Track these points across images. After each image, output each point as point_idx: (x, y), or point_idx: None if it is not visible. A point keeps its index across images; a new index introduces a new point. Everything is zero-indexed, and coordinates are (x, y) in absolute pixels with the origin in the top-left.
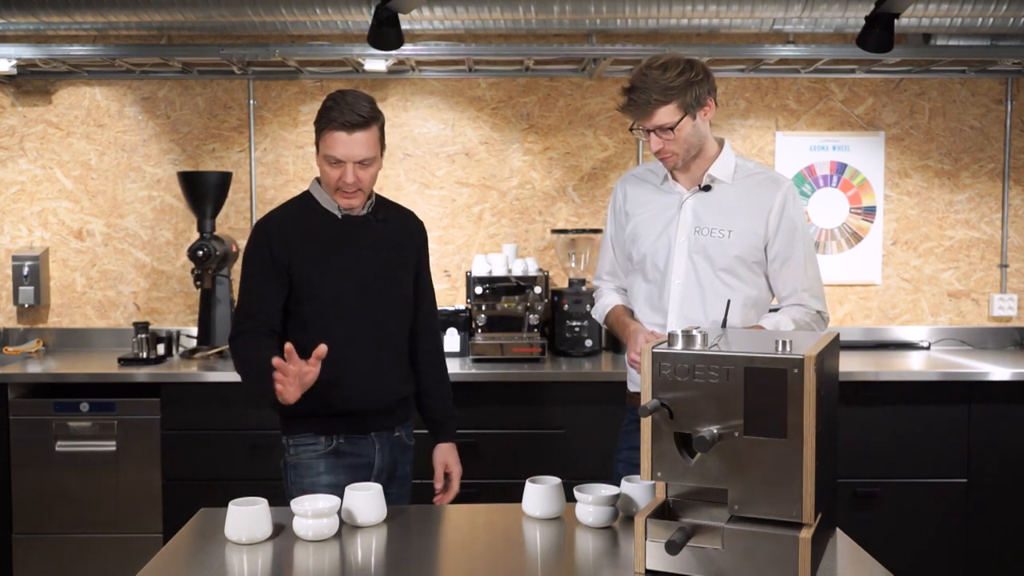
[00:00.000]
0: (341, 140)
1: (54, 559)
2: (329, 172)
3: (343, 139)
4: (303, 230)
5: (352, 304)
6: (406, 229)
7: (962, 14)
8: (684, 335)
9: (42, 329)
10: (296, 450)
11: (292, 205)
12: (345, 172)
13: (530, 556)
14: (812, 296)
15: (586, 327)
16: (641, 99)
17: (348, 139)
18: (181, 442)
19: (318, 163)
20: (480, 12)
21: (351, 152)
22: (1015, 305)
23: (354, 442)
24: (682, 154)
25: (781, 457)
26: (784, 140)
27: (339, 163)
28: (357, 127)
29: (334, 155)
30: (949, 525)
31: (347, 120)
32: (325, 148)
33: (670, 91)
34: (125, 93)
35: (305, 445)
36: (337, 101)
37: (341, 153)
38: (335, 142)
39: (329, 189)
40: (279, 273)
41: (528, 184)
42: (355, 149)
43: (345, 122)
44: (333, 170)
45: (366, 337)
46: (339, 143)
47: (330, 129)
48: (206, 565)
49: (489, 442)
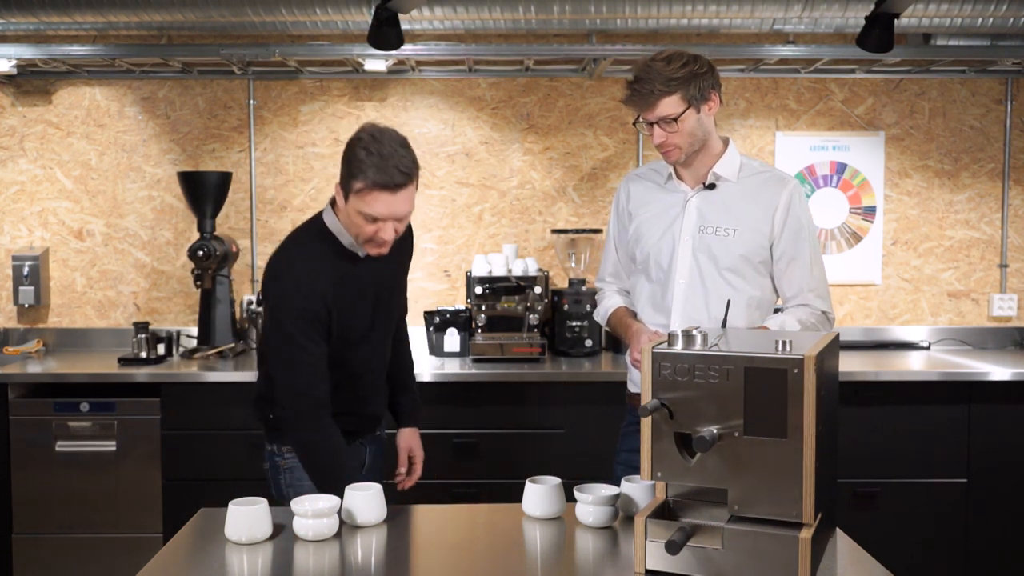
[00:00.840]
0: (384, 200)
1: (54, 559)
2: (364, 226)
3: (386, 199)
4: (335, 278)
5: (368, 336)
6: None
7: (962, 14)
8: (684, 335)
9: (42, 329)
10: (292, 454)
11: (315, 247)
12: (384, 229)
13: (530, 556)
14: (818, 296)
15: (586, 327)
16: (644, 89)
17: (391, 199)
18: (181, 442)
19: (348, 211)
20: (480, 12)
21: (394, 211)
22: (1015, 305)
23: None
24: (685, 148)
25: (781, 457)
26: (784, 140)
27: (377, 220)
28: (402, 186)
29: (374, 214)
30: (949, 525)
31: (392, 181)
32: (363, 205)
33: (673, 82)
34: (125, 93)
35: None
36: (372, 151)
37: (383, 213)
38: (376, 202)
39: (358, 238)
40: (325, 331)
41: (528, 184)
42: (398, 208)
43: (390, 183)
44: (370, 225)
45: (374, 361)
46: (381, 203)
47: (372, 189)
48: (206, 565)
49: (489, 442)
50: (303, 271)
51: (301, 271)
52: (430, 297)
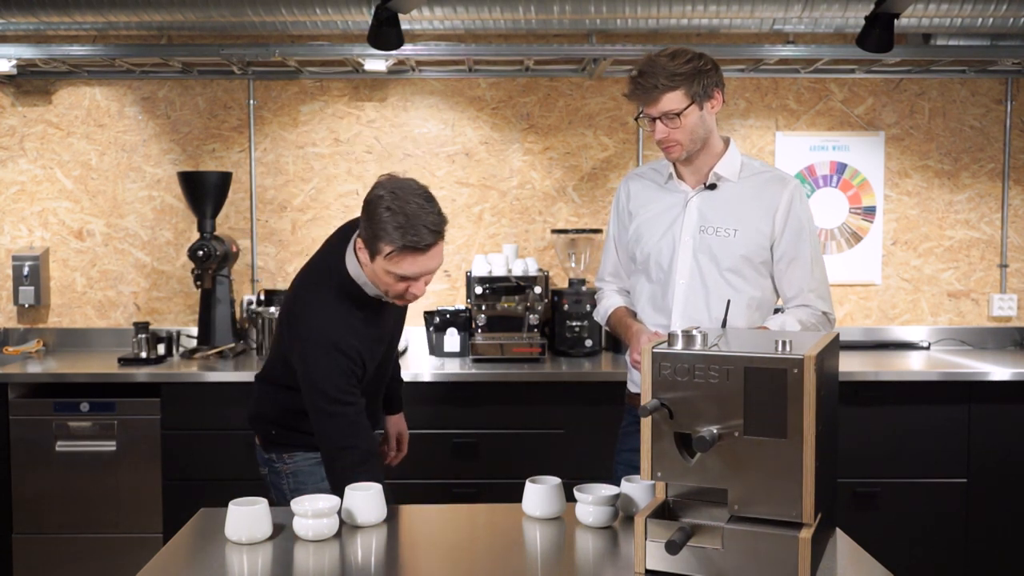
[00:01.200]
0: (418, 261)
1: (54, 559)
2: (394, 285)
3: (420, 260)
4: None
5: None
6: None
7: (962, 14)
8: (684, 335)
9: (42, 329)
10: (294, 459)
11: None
12: (415, 286)
13: (530, 556)
14: (818, 297)
15: (586, 327)
16: (648, 83)
17: (423, 259)
18: (181, 442)
19: (376, 270)
20: (480, 12)
21: (427, 268)
22: (1015, 305)
23: None
24: (687, 145)
25: (781, 457)
26: (784, 140)
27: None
28: (432, 245)
29: (406, 274)
30: (949, 525)
31: (422, 242)
32: (392, 267)
33: (677, 77)
34: (125, 93)
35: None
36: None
37: (416, 272)
38: (410, 264)
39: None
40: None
41: (528, 184)
42: (429, 266)
43: (420, 244)
44: (399, 284)
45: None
46: (412, 265)
47: (401, 253)
48: (206, 565)
49: (489, 442)
50: (340, 333)
51: (340, 334)
52: (430, 297)
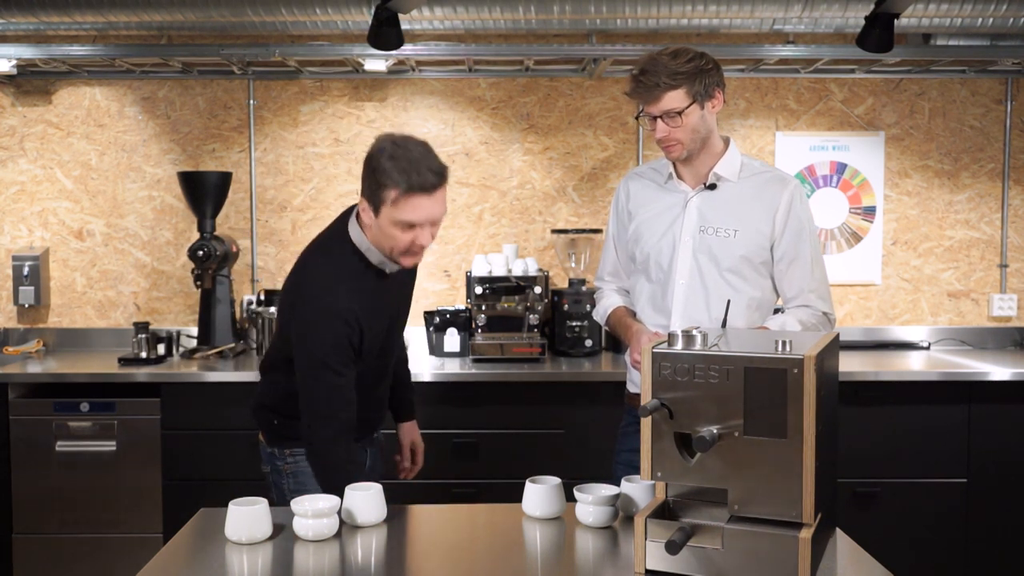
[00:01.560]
0: (423, 204)
1: (54, 559)
2: (400, 237)
3: (424, 203)
4: (365, 300)
5: (383, 348)
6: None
7: (962, 14)
8: (684, 335)
9: (42, 329)
10: (295, 459)
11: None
12: (422, 235)
13: (530, 556)
14: (819, 297)
15: (586, 327)
16: (650, 82)
17: (428, 202)
18: (181, 442)
19: (379, 225)
20: (480, 12)
21: (431, 214)
22: (1015, 305)
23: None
24: (687, 144)
25: (781, 457)
26: (784, 140)
27: (414, 226)
28: (438, 187)
29: (412, 220)
30: (949, 525)
31: (427, 182)
32: (399, 213)
33: (679, 75)
34: (125, 93)
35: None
36: (398, 157)
37: (420, 218)
38: (413, 208)
39: (392, 251)
40: (356, 354)
41: (528, 184)
42: (435, 210)
43: (425, 184)
44: (406, 234)
45: (379, 376)
46: (418, 208)
47: (409, 194)
48: (206, 565)
49: (489, 442)
50: (338, 296)
51: (336, 296)
52: (430, 297)
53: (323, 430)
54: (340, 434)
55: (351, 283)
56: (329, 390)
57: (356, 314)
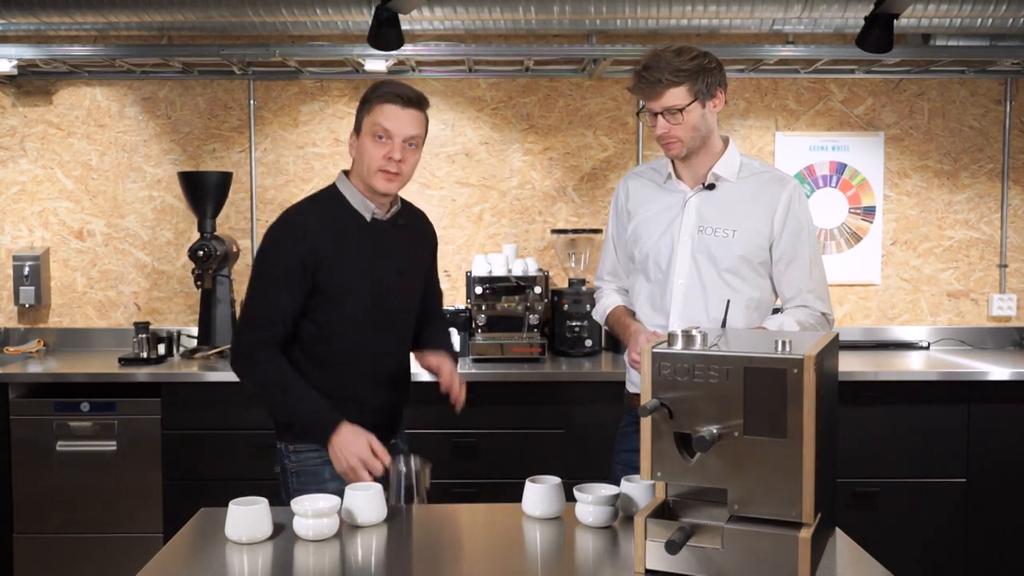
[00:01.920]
0: (395, 113)
1: (54, 559)
2: (374, 150)
3: (397, 112)
4: (332, 231)
5: (371, 312)
6: (423, 236)
7: (961, 14)
8: (684, 335)
9: (43, 329)
10: (298, 456)
11: (321, 201)
12: (393, 148)
13: (530, 556)
14: (817, 298)
15: (586, 327)
16: (652, 78)
17: (402, 113)
18: (181, 442)
19: (360, 145)
20: (480, 12)
21: (403, 127)
22: (1014, 305)
23: None
24: (687, 142)
25: (781, 457)
26: (784, 140)
27: (387, 139)
28: (412, 104)
29: (385, 125)
30: (948, 525)
31: (402, 94)
32: (375, 119)
33: (682, 73)
34: (125, 93)
35: (308, 451)
36: (384, 82)
37: (393, 126)
38: (388, 114)
39: (370, 171)
40: (305, 279)
41: (528, 184)
42: (407, 124)
43: (401, 95)
44: (379, 147)
45: (380, 346)
46: (392, 116)
47: (383, 101)
48: (206, 565)
49: (489, 442)
50: (297, 214)
51: (296, 214)
52: None
53: (246, 335)
54: (265, 345)
55: (321, 211)
56: (262, 296)
57: (309, 232)
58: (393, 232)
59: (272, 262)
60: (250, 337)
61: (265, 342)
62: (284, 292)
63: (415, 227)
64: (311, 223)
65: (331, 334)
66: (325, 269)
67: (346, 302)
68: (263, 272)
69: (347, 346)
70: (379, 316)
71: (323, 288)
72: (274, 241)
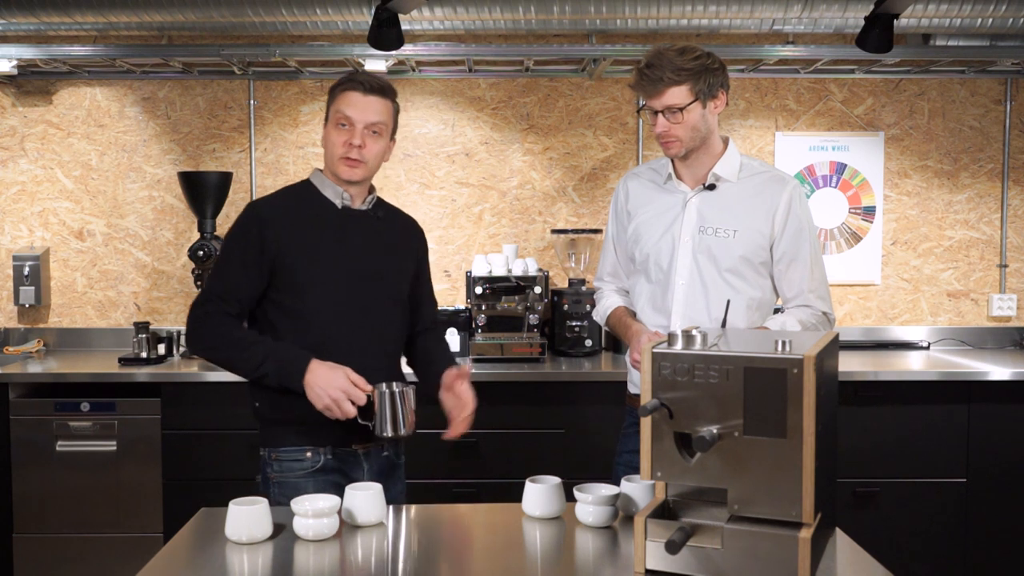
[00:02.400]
0: (355, 100)
1: (54, 559)
2: (335, 137)
3: (357, 99)
4: (299, 218)
5: (342, 301)
6: (406, 233)
7: (961, 14)
8: (684, 335)
9: (43, 329)
10: (280, 466)
11: (290, 191)
12: (353, 134)
13: (530, 556)
14: (818, 297)
15: (586, 327)
16: (654, 75)
17: (363, 99)
18: (181, 442)
19: (326, 136)
20: (480, 12)
21: (364, 114)
22: (1014, 305)
23: (342, 458)
24: (686, 141)
25: (781, 457)
26: (784, 140)
27: (348, 125)
28: (373, 91)
29: (345, 112)
30: (949, 525)
31: (364, 81)
32: (337, 107)
33: (684, 72)
34: (125, 93)
35: (290, 460)
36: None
37: (353, 112)
38: (348, 101)
39: (333, 159)
40: (263, 263)
41: (528, 184)
42: (368, 110)
43: (362, 82)
44: (340, 134)
45: (357, 338)
46: (353, 102)
47: (345, 89)
48: (206, 565)
49: (489, 442)
50: (262, 201)
51: (260, 201)
52: None
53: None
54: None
55: (289, 199)
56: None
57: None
58: (369, 222)
59: (231, 247)
60: (200, 310)
61: (215, 312)
62: (239, 272)
63: (396, 224)
64: (274, 210)
65: (306, 326)
66: (290, 255)
67: (316, 288)
68: (222, 255)
69: (322, 337)
70: (354, 306)
71: (290, 273)
72: (237, 226)
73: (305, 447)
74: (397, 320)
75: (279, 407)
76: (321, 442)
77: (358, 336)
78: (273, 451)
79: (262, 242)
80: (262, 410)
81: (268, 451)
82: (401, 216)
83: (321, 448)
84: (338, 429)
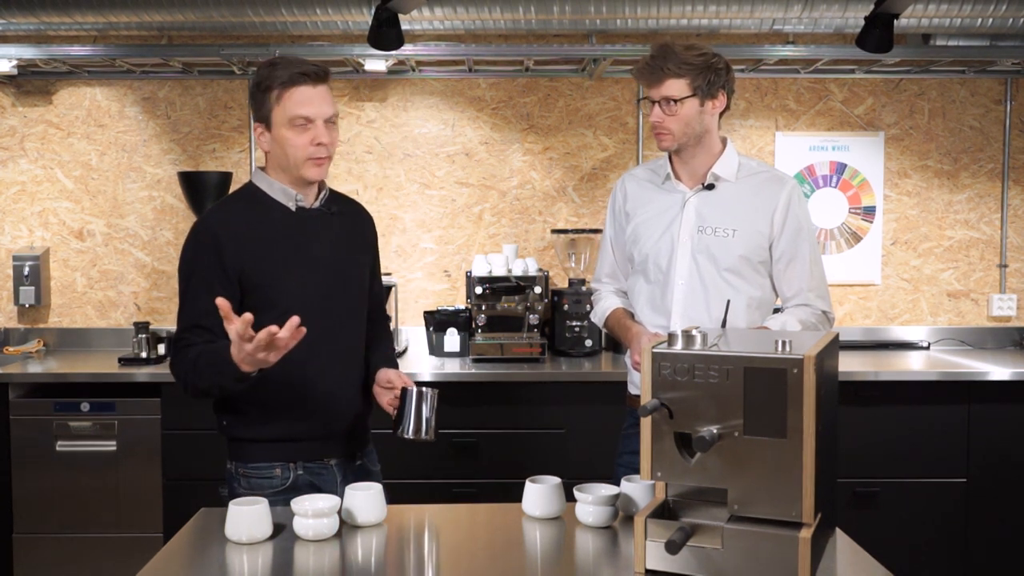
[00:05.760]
0: (308, 95)
1: (54, 559)
2: (296, 139)
3: (310, 93)
4: (255, 229)
5: (312, 310)
6: (360, 225)
7: (962, 14)
8: (684, 335)
9: (43, 329)
10: (248, 483)
11: (237, 201)
12: (319, 132)
13: (530, 556)
14: (818, 296)
15: (586, 327)
16: (656, 65)
17: (314, 92)
18: (181, 442)
19: (277, 138)
20: (480, 12)
21: (321, 108)
22: (1014, 305)
23: (314, 473)
24: (678, 136)
25: (781, 457)
26: (784, 140)
27: (308, 124)
28: (320, 79)
29: (303, 113)
30: (948, 525)
31: (308, 72)
32: (291, 109)
33: (686, 66)
34: (125, 93)
35: (259, 478)
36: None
37: (310, 110)
38: (303, 100)
39: (298, 163)
40: (230, 282)
41: (528, 184)
42: (323, 103)
43: (307, 73)
44: (301, 135)
45: (327, 346)
46: (307, 99)
47: (291, 85)
48: (206, 565)
49: (489, 442)
50: (212, 218)
51: (206, 220)
52: (430, 297)
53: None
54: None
55: (237, 210)
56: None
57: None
58: (325, 220)
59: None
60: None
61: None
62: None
63: (348, 217)
64: (227, 226)
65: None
66: (256, 273)
67: (281, 295)
68: (183, 284)
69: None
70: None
71: (260, 290)
72: (190, 250)
73: (275, 463)
74: (362, 321)
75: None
76: (291, 457)
77: (336, 339)
78: (241, 466)
79: (222, 261)
80: (229, 428)
81: (235, 465)
82: (352, 206)
83: (291, 464)
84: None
